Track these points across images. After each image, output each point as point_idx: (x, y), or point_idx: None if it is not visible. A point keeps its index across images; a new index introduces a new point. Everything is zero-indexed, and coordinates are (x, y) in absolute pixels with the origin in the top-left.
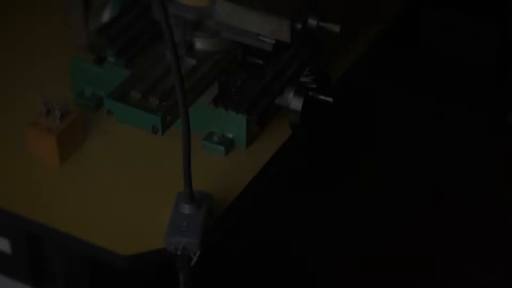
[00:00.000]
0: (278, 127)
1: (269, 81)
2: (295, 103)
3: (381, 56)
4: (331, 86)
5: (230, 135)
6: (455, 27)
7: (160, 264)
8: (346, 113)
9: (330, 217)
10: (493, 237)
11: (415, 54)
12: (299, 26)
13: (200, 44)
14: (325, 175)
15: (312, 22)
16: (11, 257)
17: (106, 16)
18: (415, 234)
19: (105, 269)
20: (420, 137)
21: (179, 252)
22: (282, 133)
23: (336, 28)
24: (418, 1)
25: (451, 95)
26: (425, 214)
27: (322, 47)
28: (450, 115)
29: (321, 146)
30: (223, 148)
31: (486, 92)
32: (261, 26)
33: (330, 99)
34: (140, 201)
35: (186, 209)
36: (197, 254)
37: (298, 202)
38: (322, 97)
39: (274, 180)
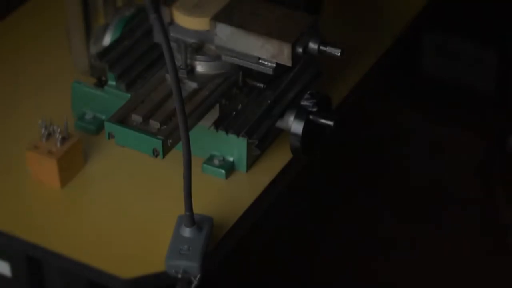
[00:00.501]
0: (279, 151)
1: (270, 105)
2: (296, 126)
3: (381, 80)
4: (331, 110)
5: (231, 159)
6: (455, 51)
7: (161, 287)
8: (346, 135)
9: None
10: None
11: (415, 78)
12: (299, 50)
13: (200, 68)
14: (324, 199)
15: (313, 46)
16: (11, 280)
17: (107, 39)
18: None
19: None
20: (420, 160)
21: (179, 276)
22: (283, 157)
23: (337, 52)
24: (418, 25)
25: (452, 119)
26: (424, 238)
27: (323, 71)
28: (450, 139)
29: (321, 169)
30: (223, 171)
31: (487, 117)
32: (262, 49)
33: (331, 123)
34: (141, 224)
35: (187, 232)
36: (198, 277)
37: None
38: (322, 120)
39: (275, 203)
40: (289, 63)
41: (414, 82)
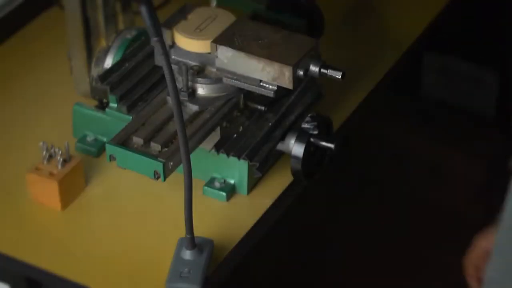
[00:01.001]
0: (280, 173)
1: (271, 127)
2: (297, 149)
3: (382, 102)
4: (332, 133)
5: (232, 181)
6: (455, 73)
7: None
8: (346, 158)
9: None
10: None
11: (416, 99)
12: (300, 73)
13: (202, 90)
14: (324, 222)
15: (314, 69)
16: None
17: (108, 62)
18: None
19: None
20: (420, 181)
21: None
22: (283, 179)
23: (338, 75)
24: (418, 47)
25: (452, 139)
26: (426, 262)
27: (324, 93)
28: (451, 159)
29: (322, 192)
30: (224, 194)
31: (487, 137)
32: (263, 72)
33: (332, 146)
34: (141, 247)
35: (187, 255)
36: None
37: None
38: (323, 143)
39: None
40: (290, 86)
41: (414, 103)
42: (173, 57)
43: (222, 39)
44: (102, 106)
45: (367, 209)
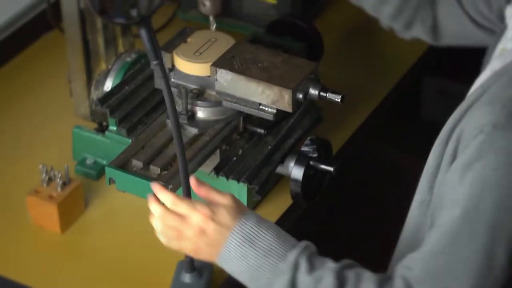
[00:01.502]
0: (279, 196)
1: (270, 150)
2: (296, 172)
3: (382, 125)
4: (332, 156)
5: None
6: (454, 96)
7: None
8: (345, 180)
9: None
10: None
11: (415, 123)
12: (300, 96)
13: (201, 113)
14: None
15: (314, 92)
16: None
17: (108, 85)
18: None
19: None
20: None
21: None
22: (283, 202)
23: (338, 98)
24: (418, 70)
25: None
26: None
27: (323, 116)
28: None
29: (321, 214)
30: None
31: None
32: (262, 95)
33: (331, 169)
34: (140, 270)
35: (187, 278)
36: None
37: None
38: (323, 166)
39: None
40: (289, 109)
41: (414, 126)
42: (172, 80)
43: (222, 62)
44: (102, 129)
45: (367, 230)
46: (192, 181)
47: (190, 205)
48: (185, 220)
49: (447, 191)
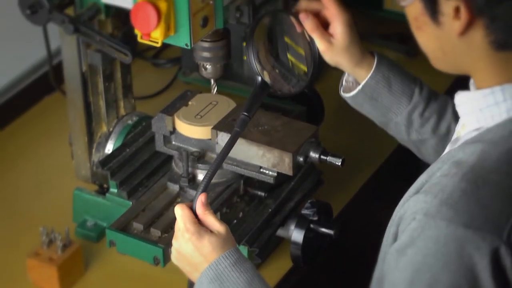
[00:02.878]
0: (280, 259)
1: (271, 213)
2: (296, 235)
3: (382, 187)
4: (332, 219)
5: None
6: None
7: None
8: (347, 243)
9: None
10: None
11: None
12: (300, 159)
13: (202, 176)
14: None
15: (314, 155)
16: None
17: (109, 147)
18: None
19: None
20: None
21: None
22: (283, 265)
23: (338, 162)
24: None
25: None
26: None
27: (324, 179)
28: None
29: (322, 277)
30: None
31: None
32: (263, 159)
33: (331, 232)
34: None
35: None
36: None
37: None
38: (323, 230)
39: None
40: (290, 173)
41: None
42: (173, 143)
43: (223, 126)
44: (103, 191)
45: None
46: (201, 198)
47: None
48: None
49: (387, 271)
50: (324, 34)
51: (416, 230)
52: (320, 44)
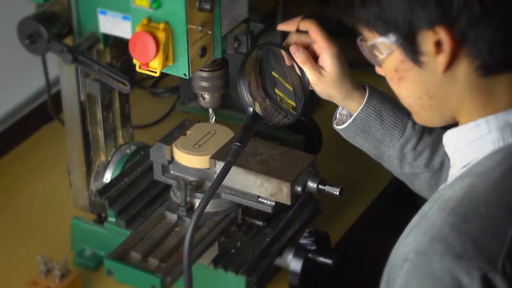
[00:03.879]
0: None
1: (269, 243)
2: (294, 264)
3: (380, 216)
4: (330, 248)
5: None
6: None
7: None
8: (345, 272)
9: None
10: None
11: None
12: (299, 189)
13: None
14: None
15: (312, 185)
16: None
17: (107, 176)
18: None
19: None
20: None
21: None
22: None
23: (336, 191)
24: None
25: None
26: None
27: (322, 208)
28: None
29: None
30: None
31: None
32: (261, 188)
33: (330, 261)
34: None
35: None
36: None
37: None
38: (321, 259)
39: None
40: (288, 202)
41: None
42: (172, 172)
43: (221, 155)
44: (101, 220)
45: None
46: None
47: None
48: None
49: None
50: (315, 66)
51: (410, 270)
52: (311, 76)
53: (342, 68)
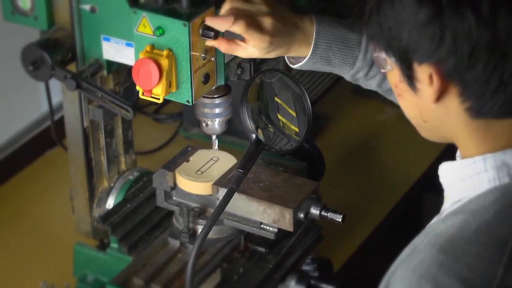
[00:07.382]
0: None
1: (271, 269)
2: None
3: (383, 242)
4: (333, 275)
5: None
6: None
7: None
8: None
9: None
10: None
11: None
12: (301, 215)
13: None
14: None
15: (315, 211)
16: None
17: (110, 202)
18: None
19: None
20: None
21: None
22: None
23: (339, 218)
24: (419, 189)
25: None
26: None
27: (325, 235)
28: None
29: None
30: None
31: None
32: (264, 214)
33: None
34: None
35: None
36: None
37: None
38: (324, 285)
39: None
40: (290, 229)
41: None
42: (174, 198)
43: (224, 182)
44: (103, 246)
45: None
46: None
47: None
48: None
49: None
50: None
51: None
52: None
53: (276, 49)
